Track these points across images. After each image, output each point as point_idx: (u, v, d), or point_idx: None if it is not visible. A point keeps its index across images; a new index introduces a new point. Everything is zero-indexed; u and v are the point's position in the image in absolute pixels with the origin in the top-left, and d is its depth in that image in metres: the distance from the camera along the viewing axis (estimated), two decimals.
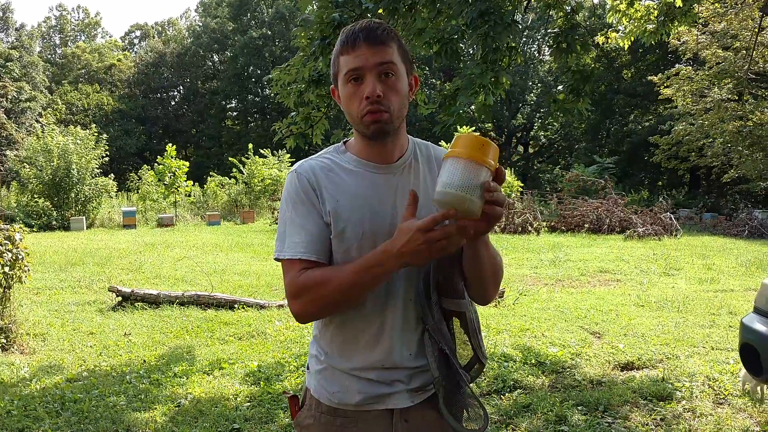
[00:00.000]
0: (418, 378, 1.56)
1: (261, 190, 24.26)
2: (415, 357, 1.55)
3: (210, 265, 10.81)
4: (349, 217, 1.50)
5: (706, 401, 4.28)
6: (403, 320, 1.54)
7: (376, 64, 1.46)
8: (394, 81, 1.48)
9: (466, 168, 1.30)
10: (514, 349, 5.52)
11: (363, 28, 1.47)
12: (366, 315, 1.53)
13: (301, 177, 1.54)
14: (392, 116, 1.49)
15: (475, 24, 4.69)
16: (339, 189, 1.52)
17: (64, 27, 56.74)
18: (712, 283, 9.25)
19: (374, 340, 1.53)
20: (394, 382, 1.54)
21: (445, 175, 1.32)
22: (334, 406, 1.57)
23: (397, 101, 1.49)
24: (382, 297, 1.52)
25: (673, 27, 6.30)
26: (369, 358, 1.54)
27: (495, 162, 1.32)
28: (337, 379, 1.57)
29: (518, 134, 43.23)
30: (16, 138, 30.63)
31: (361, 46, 1.46)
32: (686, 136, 21.71)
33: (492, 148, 1.33)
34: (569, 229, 17.82)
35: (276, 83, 5.49)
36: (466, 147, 1.32)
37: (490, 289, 1.57)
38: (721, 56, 19.06)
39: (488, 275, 1.53)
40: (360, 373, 1.55)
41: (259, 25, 44.14)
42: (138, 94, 44.88)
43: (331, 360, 1.58)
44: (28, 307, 7.39)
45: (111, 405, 4.27)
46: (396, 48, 1.50)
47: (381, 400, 1.55)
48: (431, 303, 1.52)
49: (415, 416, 1.56)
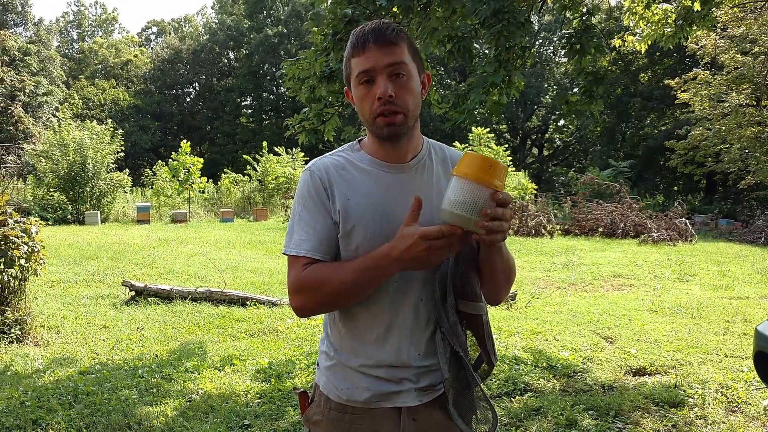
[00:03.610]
0: (426, 377, 1.56)
1: (275, 187, 24.34)
2: (424, 356, 1.55)
3: (223, 262, 10.86)
4: (360, 217, 1.50)
5: (719, 409, 4.24)
6: (413, 320, 1.54)
7: (387, 65, 1.46)
8: (406, 81, 1.48)
9: (472, 189, 1.30)
10: (526, 351, 5.50)
11: (372, 30, 1.48)
12: (375, 313, 1.53)
13: (314, 175, 1.55)
14: (407, 116, 1.49)
15: (488, 23, 4.67)
16: (351, 187, 1.53)
17: (81, 22, 57.25)
18: (726, 289, 9.17)
19: (383, 338, 1.54)
20: (402, 381, 1.54)
21: (451, 193, 1.33)
22: (343, 403, 1.57)
23: (411, 101, 1.49)
24: (391, 295, 1.52)
25: (692, 31, 6.25)
26: (377, 355, 1.54)
27: (502, 183, 1.32)
28: (346, 376, 1.57)
29: (533, 136, 43.09)
30: (32, 132, 30.93)
31: (370, 48, 1.46)
32: (703, 141, 21.55)
33: (499, 168, 1.32)
34: (583, 232, 17.73)
35: (287, 78, 5.50)
36: (473, 167, 1.31)
37: (501, 290, 1.59)
38: (739, 61, 18.89)
39: (501, 277, 1.55)
40: (368, 370, 1.55)
41: (275, 22, 44.30)
42: (154, 90, 45.19)
43: (341, 357, 1.58)
44: (43, 299, 7.46)
45: (123, 398, 4.30)
46: (406, 47, 1.49)
47: (389, 398, 1.55)
48: (447, 305, 1.51)
49: (423, 415, 1.56)
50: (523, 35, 4.83)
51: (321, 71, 4.98)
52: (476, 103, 4.84)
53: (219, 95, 44.71)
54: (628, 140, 34.31)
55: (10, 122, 32.01)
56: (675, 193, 29.52)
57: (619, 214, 17.61)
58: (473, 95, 4.83)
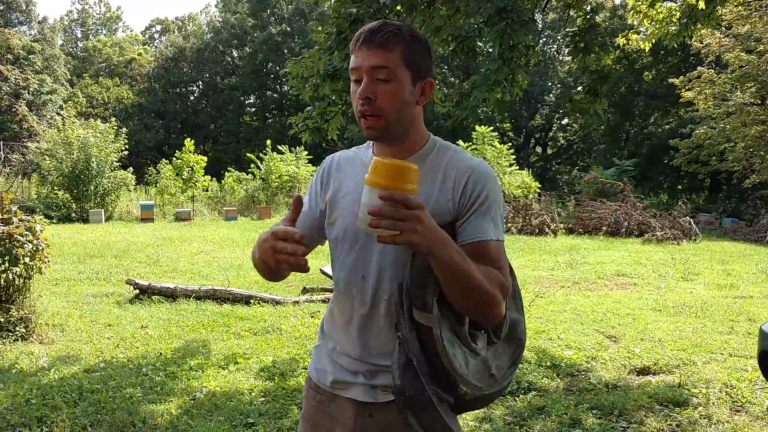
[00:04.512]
0: (383, 376, 1.54)
1: (278, 186, 24.33)
2: (383, 356, 1.53)
3: (226, 260, 10.87)
4: (343, 208, 1.58)
5: (723, 408, 4.23)
6: (376, 317, 1.54)
7: (371, 68, 1.45)
8: (390, 86, 1.46)
9: (366, 191, 1.29)
10: (529, 350, 5.49)
11: (367, 29, 1.48)
12: (342, 301, 1.61)
13: (324, 164, 1.70)
14: (388, 122, 1.47)
15: (492, 21, 4.67)
16: (343, 181, 1.62)
17: (85, 20, 57.34)
18: (731, 289, 9.15)
19: (346, 327, 1.59)
20: (356, 374, 1.57)
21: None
22: (317, 383, 1.67)
23: (392, 107, 1.46)
24: (354, 287, 1.56)
25: (696, 29, 6.23)
26: (341, 343, 1.61)
27: (394, 182, 1.26)
28: (322, 358, 1.67)
29: (537, 135, 43.02)
30: (37, 130, 30.97)
31: (362, 47, 1.47)
32: (707, 140, 21.48)
33: (387, 168, 1.27)
34: (587, 231, 17.71)
35: (291, 76, 5.51)
36: (370, 171, 1.30)
37: (460, 305, 1.43)
38: (744, 59, 18.83)
39: (452, 291, 1.40)
40: (335, 356, 1.62)
41: (279, 21, 44.29)
42: (157, 89, 45.20)
43: (323, 339, 1.70)
44: (47, 297, 7.47)
45: (127, 396, 4.31)
46: (399, 53, 1.46)
47: (345, 388, 1.60)
48: (403, 310, 1.47)
49: (381, 415, 1.55)
50: (527, 34, 4.83)
51: (325, 70, 4.99)
52: (479, 101, 4.84)
53: (223, 94, 44.71)
54: (632, 139, 34.21)
55: (15, 120, 32.07)
56: (679, 191, 29.43)
57: (623, 213, 17.57)
58: (476, 93, 4.83)
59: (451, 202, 1.50)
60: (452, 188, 1.51)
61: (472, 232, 1.47)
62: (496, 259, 1.47)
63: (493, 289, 1.41)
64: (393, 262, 1.51)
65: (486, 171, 1.54)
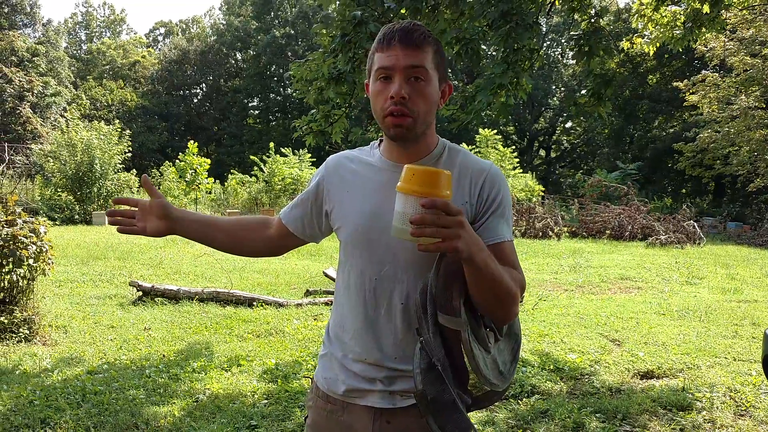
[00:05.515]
0: (401, 382, 1.53)
1: (281, 189, 24.36)
2: (401, 360, 1.52)
3: (229, 263, 10.88)
4: (351, 210, 1.58)
5: (727, 412, 4.21)
6: (393, 322, 1.52)
7: (406, 67, 1.45)
8: (423, 86, 1.47)
9: (402, 200, 1.27)
10: (533, 354, 5.48)
11: (401, 29, 1.47)
12: (354, 306, 1.57)
13: (322, 167, 1.71)
14: (416, 121, 1.48)
15: (496, 24, 4.67)
16: (349, 182, 1.61)
17: (89, 23, 57.57)
18: (735, 293, 9.12)
19: (360, 333, 1.55)
20: (374, 380, 1.54)
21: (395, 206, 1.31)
22: (326, 392, 1.63)
23: (423, 107, 1.48)
24: (369, 292, 1.54)
25: (700, 33, 6.22)
26: (354, 349, 1.56)
27: (431, 189, 1.25)
28: (332, 366, 1.62)
29: (540, 138, 43.02)
30: (40, 132, 31.10)
31: (395, 46, 1.46)
32: (711, 144, 21.46)
33: (423, 176, 1.26)
34: (590, 234, 17.68)
35: (295, 79, 5.51)
36: (402, 179, 1.28)
37: (486, 308, 1.44)
38: (748, 63, 18.82)
39: (482, 295, 1.40)
40: (348, 363, 1.58)
41: (283, 24, 44.41)
42: (161, 91, 45.35)
43: (331, 347, 1.64)
44: (51, 299, 7.49)
45: (130, 398, 4.31)
46: (431, 54, 1.48)
47: (362, 396, 1.56)
48: (428, 315, 1.44)
49: (399, 420, 1.53)
50: (531, 37, 4.83)
51: (329, 73, 4.98)
52: (483, 104, 4.84)
53: (226, 96, 44.84)
54: (636, 142, 34.19)
55: (19, 122, 32.21)
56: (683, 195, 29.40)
57: (627, 217, 17.55)
58: (481, 96, 4.83)
59: (468, 204, 1.51)
60: (468, 191, 1.52)
61: (490, 234, 1.49)
62: (512, 259, 1.50)
63: (516, 290, 1.43)
64: (406, 264, 1.50)
65: (499, 173, 1.58)
